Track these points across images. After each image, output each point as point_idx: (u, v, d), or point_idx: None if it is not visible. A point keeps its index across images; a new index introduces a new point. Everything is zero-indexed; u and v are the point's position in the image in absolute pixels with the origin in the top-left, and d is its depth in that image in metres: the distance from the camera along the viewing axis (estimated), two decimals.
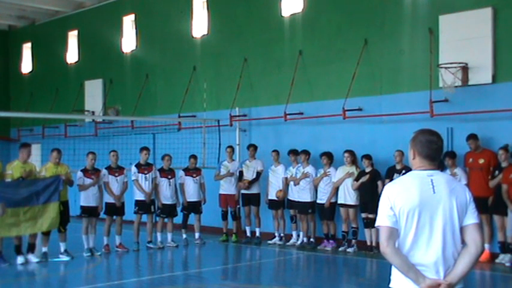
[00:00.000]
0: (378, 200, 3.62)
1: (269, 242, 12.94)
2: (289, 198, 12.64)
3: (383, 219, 3.51)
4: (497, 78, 10.68)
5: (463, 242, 3.57)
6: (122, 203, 12.16)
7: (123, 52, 18.03)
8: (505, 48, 10.63)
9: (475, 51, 10.72)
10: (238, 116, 14.63)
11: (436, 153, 3.58)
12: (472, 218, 3.56)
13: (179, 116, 15.62)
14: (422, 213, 3.47)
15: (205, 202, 13.27)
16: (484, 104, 10.77)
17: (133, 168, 12.40)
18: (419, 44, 11.74)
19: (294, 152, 12.69)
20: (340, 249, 11.87)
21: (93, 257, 11.47)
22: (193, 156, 13.28)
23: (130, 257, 11.77)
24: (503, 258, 10.15)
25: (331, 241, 12.14)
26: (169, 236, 12.75)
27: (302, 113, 13.40)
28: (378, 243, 3.70)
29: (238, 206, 13.38)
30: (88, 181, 11.69)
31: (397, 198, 3.49)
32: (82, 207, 11.77)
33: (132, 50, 17.80)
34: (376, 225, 3.59)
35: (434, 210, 3.48)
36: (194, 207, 13.09)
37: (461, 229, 3.55)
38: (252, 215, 13.28)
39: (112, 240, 12.03)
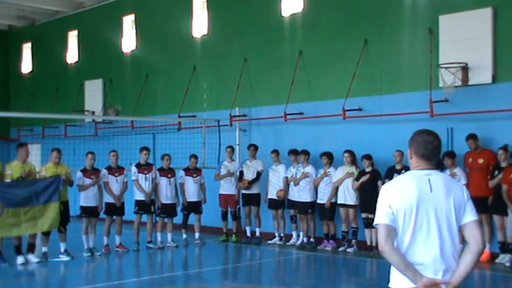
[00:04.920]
0: None
1: (269, 242, 12.94)
2: (290, 198, 12.65)
3: (381, 217, 3.53)
4: (497, 78, 10.68)
5: (463, 241, 3.59)
6: (122, 203, 12.16)
7: (123, 52, 18.03)
8: (505, 48, 10.63)
9: (475, 51, 10.72)
10: (238, 116, 14.63)
11: (432, 153, 3.59)
12: (470, 215, 3.58)
13: (179, 116, 15.62)
14: (420, 212, 3.49)
15: (205, 202, 13.27)
16: (484, 104, 10.77)
17: (134, 168, 12.40)
18: (419, 44, 11.74)
19: (294, 152, 12.69)
20: (340, 249, 11.87)
21: (93, 257, 11.47)
22: (194, 156, 13.28)
23: (130, 257, 11.76)
24: (503, 258, 10.15)
25: (331, 241, 12.14)
26: (169, 236, 12.75)
27: (302, 113, 13.40)
28: (377, 243, 3.69)
29: (238, 206, 13.38)
30: (88, 181, 11.69)
31: (395, 197, 3.52)
32: (82, 207, 11.77)
33: (132, 50, 17.80)
34: (374, 223, 3.62)
35: (431, 209, 3.50)
36: (194, 207, 13.09)
37: (461, 228, 3.57)
38: (252, 215, 13.28)
39: (112, 240, 12.03)
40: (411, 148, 3.66)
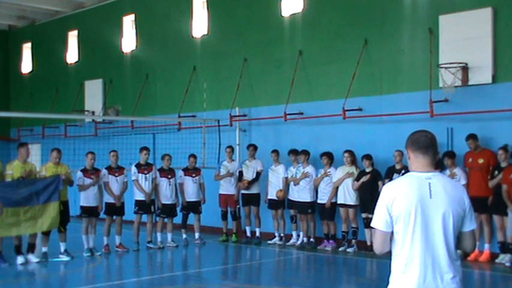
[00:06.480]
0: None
1: (269, 242, 12.93)
2: (290, 198, 12.65)
3: (378, 222, 3.60)
4: (497, 78, 10.68)
5: (458, 247, 3.62)
6: (122, 203, 12.16)
7: (123, 52, 18.03)
8: (505, 48, 10.63)
9: (475, 51, 10.72)
10: (238, 116, 14.63)
11: (426, 143, 3.61)
12: (469, 224, 3.62)
13: (179, 116, 15.62)
14: (417, 218, 3.49)
15: (204, 202, 13.27)
16: (484, 104, 10.77)
17: (133, 168, 12.40)
18: (419, 44, 11.74)
19: (294, 152, 12.69)
20: (340, 249, 11.86)
21: (93, 257, 11.47)
22: (193, 156, 13.27)
23: (130, 257, 11.76)
24: (503, 258, 10.15)
25: (331, 241, 12.14)
26: (169, 236, 12.75)
27: (302, 113, 13.40)
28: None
29: (238, 206, 13.38)
30: (88, 181, 11.69)
31: (395, 201, 3.53)
32: (82, 207, 11.77)
33: (132, 50, 17.80)
34: (372, 224, 3.65)
35: (429, 216, 3.50)
36: (193, 207, 13.08)
37: (458, 234, 3.61)
38: (252, 215, 13.28)
39: (112, 240, 12.03)
40: (408, 148, 3.70)
